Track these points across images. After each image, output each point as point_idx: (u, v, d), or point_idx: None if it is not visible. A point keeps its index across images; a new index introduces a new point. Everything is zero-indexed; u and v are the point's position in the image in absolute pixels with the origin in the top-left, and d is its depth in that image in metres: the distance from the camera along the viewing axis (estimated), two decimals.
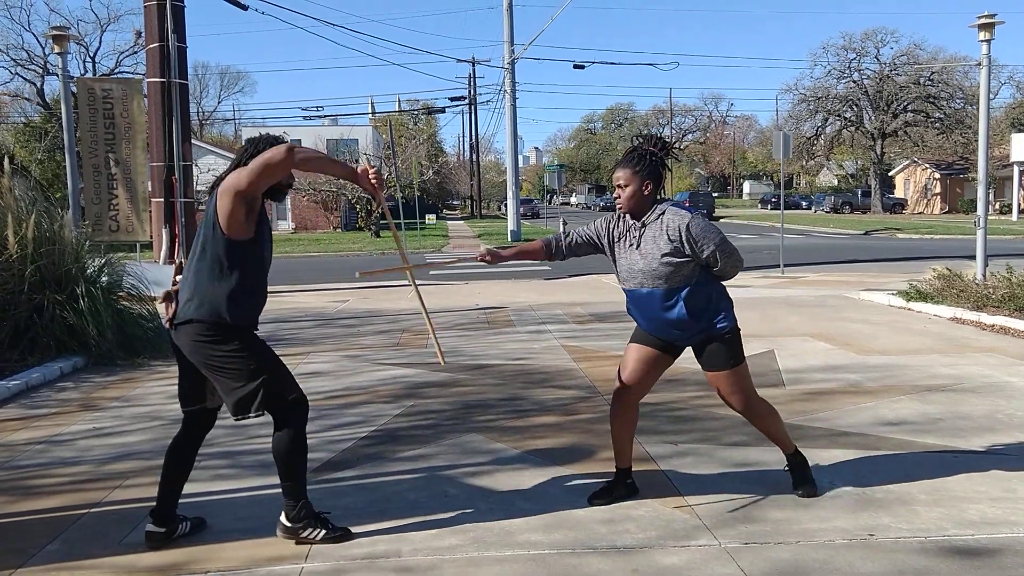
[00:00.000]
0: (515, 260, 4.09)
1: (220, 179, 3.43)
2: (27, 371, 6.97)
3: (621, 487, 3.97)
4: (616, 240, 3.83)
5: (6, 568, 3.33)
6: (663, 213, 3.68)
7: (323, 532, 3.50)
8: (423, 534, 3.57)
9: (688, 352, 3.91)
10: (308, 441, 4.88)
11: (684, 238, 3.60)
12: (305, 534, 3.48)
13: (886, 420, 5.24)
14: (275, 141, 3.46)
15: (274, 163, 3.24)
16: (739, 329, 3.82)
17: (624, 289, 3.82)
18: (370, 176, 3.50)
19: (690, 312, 3.67)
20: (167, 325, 3.43)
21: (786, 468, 4.03)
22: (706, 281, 3.71)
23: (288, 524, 3.48)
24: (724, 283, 3.84)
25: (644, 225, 3.71)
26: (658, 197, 3.75)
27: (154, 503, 3.57)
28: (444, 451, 4.79)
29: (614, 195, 3.78)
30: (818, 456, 4.48)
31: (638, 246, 3.71)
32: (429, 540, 3.51)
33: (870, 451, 4.60)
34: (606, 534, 3.54)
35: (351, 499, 4.02)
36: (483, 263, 3.99)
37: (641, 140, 3.78)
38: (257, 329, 3.51)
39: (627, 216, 3.79)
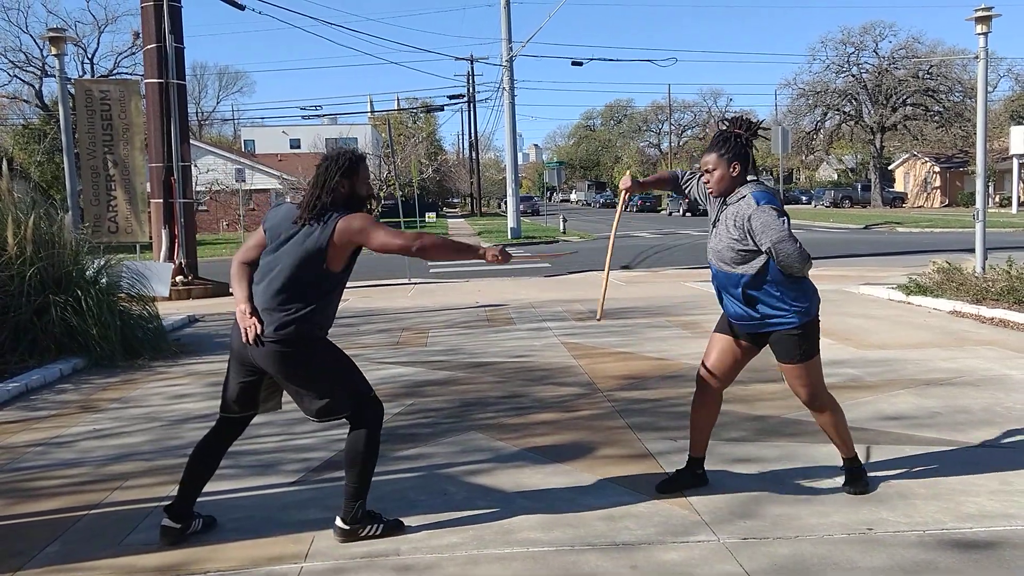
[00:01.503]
0: (652, 187, 4.20)
1: (312, 206, 3.39)
2: (27, 373, 6.98)
3: (688, 476, 3.98)
4: (710, 215, 3.83)
5: (6, 570, 3.34)
6: (742, 197, 3.65)
7: (381, 527, 3.54)
8: (422, 532, 3.58)
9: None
10: (308, 440, 4.93)
11: (745, 227, 3.58)
12: (364, 532, 3.51)
13: (885, 414, 5.24)
14: (353, 158, 3.48)
15: (407, 249, 3.38)
16: (815, 324, 3.72)
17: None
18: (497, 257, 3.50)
19: (746, 299, 3.65)
20: (251, 343, 3.36)
21: (842, 468, 4.00)
22: (771, 272, 3.62)
23: (346, 527, 3.50)
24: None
25: (726, 205, 3.71)
26: (747, 178, 3.71)
27: (159, 503, 3.58)
28: (443, 449, 4.79)
29: (703, 180, 3.76)
30: (817, 451, 4.49)
31: (715, 224, 3.73)
32: (428, 538, 3.52)
33: (869, 445, 4.60)
34: (606, 531, 3.55)
35: None
36: (626, 192, 4.00)
37: (727, 123, 3.76)
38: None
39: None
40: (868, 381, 6.17)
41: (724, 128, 3.75)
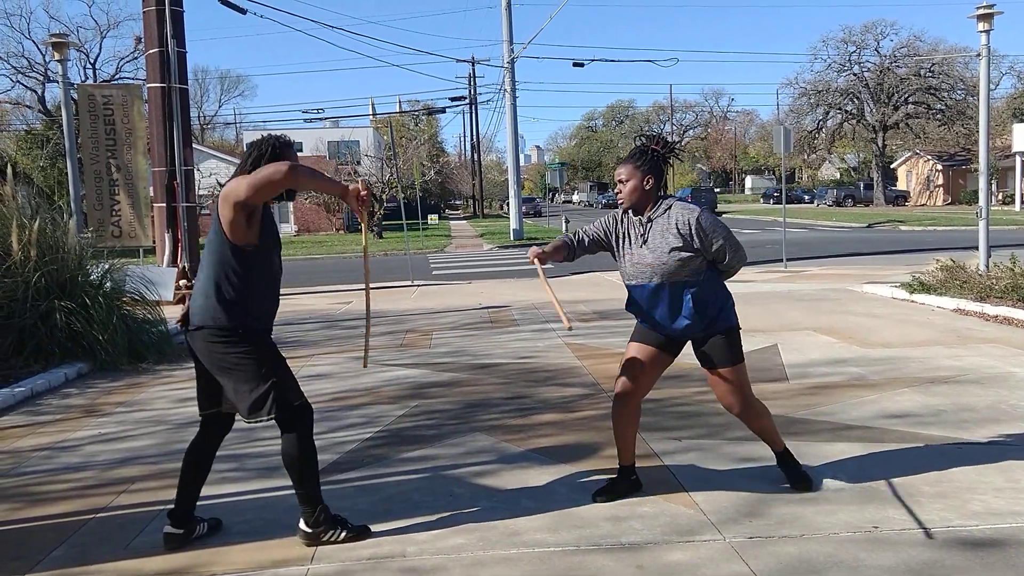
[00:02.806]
0: (555, 255, 3.89)
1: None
2: (32, 378, 6.99)
3: (624, 483, 3.97)
4: (622, 237, 3.83)
5: (13, 574, 3.34)
6: (670, 208, 3.70)
7: (344, 532, 3.52)
8: (428, 534, 3.58)
9: (691, 348, 3.91)
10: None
11: (694, 231, 3.62)
12: (327, 537, 3.49)
13: (890, 413, 5.23)
14: (278, 144, 3.48)
15: (276, 180, 3.24)
16: (739, 328, 3.83)
17: (630, 286, 3.81)
18: (360, 194, 3.44)
19: (696, 307, 3.69)
20: (179, 327, 3.48)
21: (778, 464, 4.07)
22: (711, 277, 3.75)
23: (309, 530, 3.49)
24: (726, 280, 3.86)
25: (650, 220, 3.72)
26: (660, 193, 3.77)
27: (165, 507, 3.59)
28: (448, 451, 4.79)
29: (616, 191, 3.79)
30: (822, 450, 4.49)
31: (645, 241, 3.72)
32: (434, 540, 3.52)
33: (874, 444, 4.59)
34: (611, 531, 3.55)
35: (356, 500, 4.03)
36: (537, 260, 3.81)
37: (644, 139, 3.81)
38: (271, 332, 3.53)
39: (631, 213, 3.80)
40: (872, 380, 6.16)
41: (641, 143, 3.79)
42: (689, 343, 3.88)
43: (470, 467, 4.48)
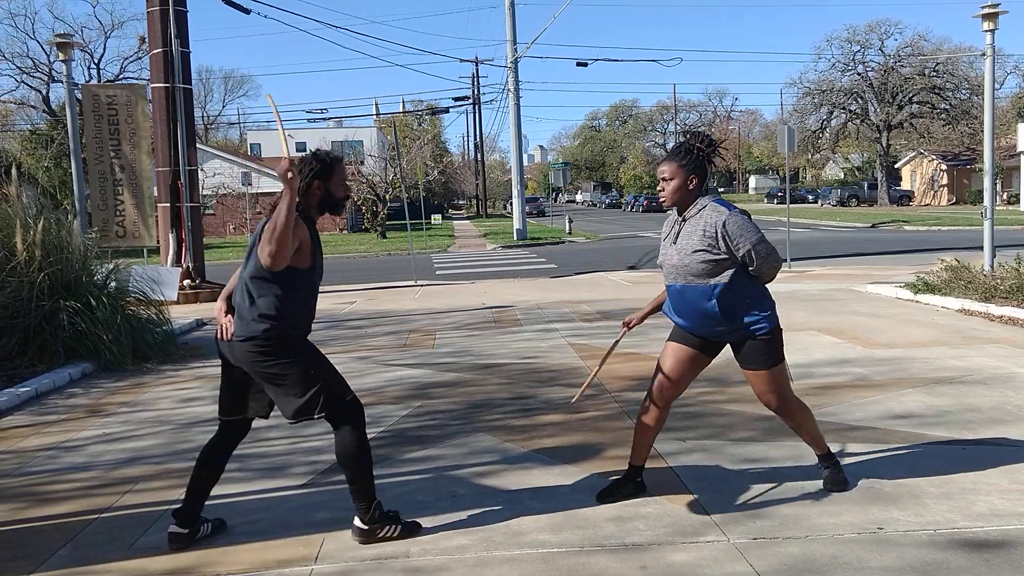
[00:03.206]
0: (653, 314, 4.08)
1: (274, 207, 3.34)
2: (36, 377, 7.01)
3: (630, 485, 3.96)
4: (663, 237, 3.83)
5: (18, 574, 3.35)
6: (703, 208, 3.65)
7: (399, 528, 3.54)
8: (432, 534, 3.58)
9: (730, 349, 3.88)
10: (317, 443, 4.94)
11: (720, 235, 3.57)
12: (382, 533, 3.51)
13: (894, 413, 5.23)
14: (328, 160, 3.46)
15: (270, 257, 3.14)
16: (780, 330, 3.75)
17: (667, 286, 3.81)
18: (287, 171, 3.16)
19: (723, 310, 3.63)
20: (226, 338, 3.43)
21: (818, 467, 4.02)
22: (742, 280, 3.64)
23: (364, 527, 3.50)
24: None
25: (684, 220, 3.70)
26: (702, 191, 3.73)
27: (169, 506, 3.60)
28: (452, 451, 4.80)
29: (658, 188, 3.76)
30: None
31: (675, 240, 3.70)
32: (438, 540, 3.52)
33: (878, 445, 4.59)
34: (615, 532, 3.55)
35: None
36: (626, 328, 4.05)
37: (689, 136, 3.77)
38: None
39: (674, 211, 3.78)
40: (876, 380, 6.15)
41: (685, 140, 3.75)
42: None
43: (473, 467, 4.48)
